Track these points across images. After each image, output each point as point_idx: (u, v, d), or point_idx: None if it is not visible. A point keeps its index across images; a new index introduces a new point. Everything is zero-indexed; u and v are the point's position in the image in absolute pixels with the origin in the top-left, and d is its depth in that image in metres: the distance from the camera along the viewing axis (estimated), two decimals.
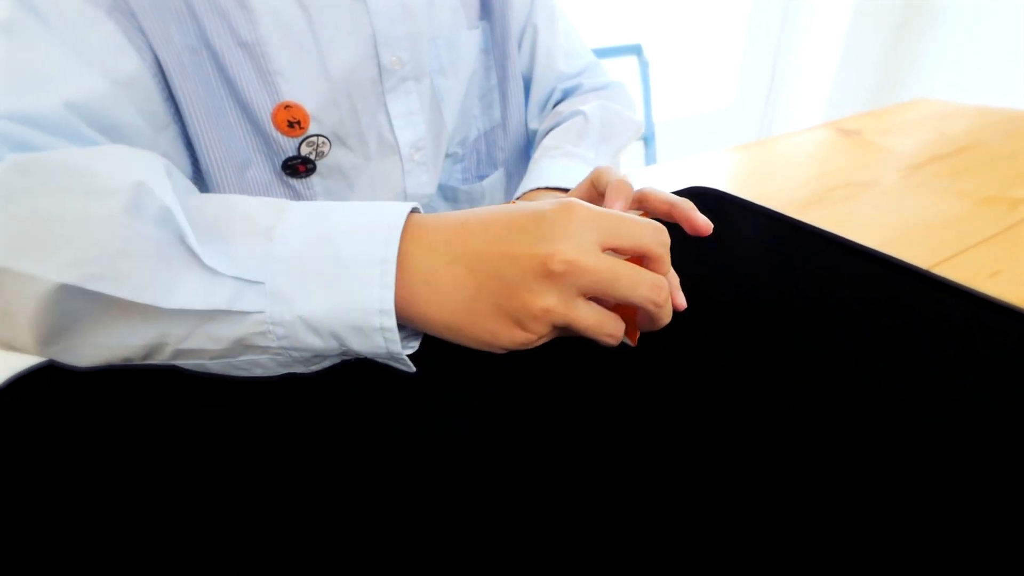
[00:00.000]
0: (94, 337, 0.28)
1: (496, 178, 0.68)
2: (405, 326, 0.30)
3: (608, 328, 0.28)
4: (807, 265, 0.46)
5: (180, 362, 0.30)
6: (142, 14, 0.38)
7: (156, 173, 0.28)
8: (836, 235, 0.49)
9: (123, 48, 0.38)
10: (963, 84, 1.81)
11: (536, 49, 0.65)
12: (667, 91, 1.88)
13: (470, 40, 0.59)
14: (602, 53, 1.48)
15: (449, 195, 0.66)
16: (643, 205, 0.38)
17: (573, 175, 0.50)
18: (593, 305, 0.27)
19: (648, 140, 1.56)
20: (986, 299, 0.40)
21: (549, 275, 0.25)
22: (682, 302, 0.33)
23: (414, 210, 0.30)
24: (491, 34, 0.61)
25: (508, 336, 0.27)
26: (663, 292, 0.27)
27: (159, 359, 0.29)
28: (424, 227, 0.29)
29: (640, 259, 0.28)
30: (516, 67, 0.64)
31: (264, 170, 0.49)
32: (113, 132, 0.37)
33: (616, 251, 0.28)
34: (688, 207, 0.34)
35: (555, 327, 0.27)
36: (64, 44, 0.35)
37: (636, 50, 1.50)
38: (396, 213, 0.28)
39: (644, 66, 1.51)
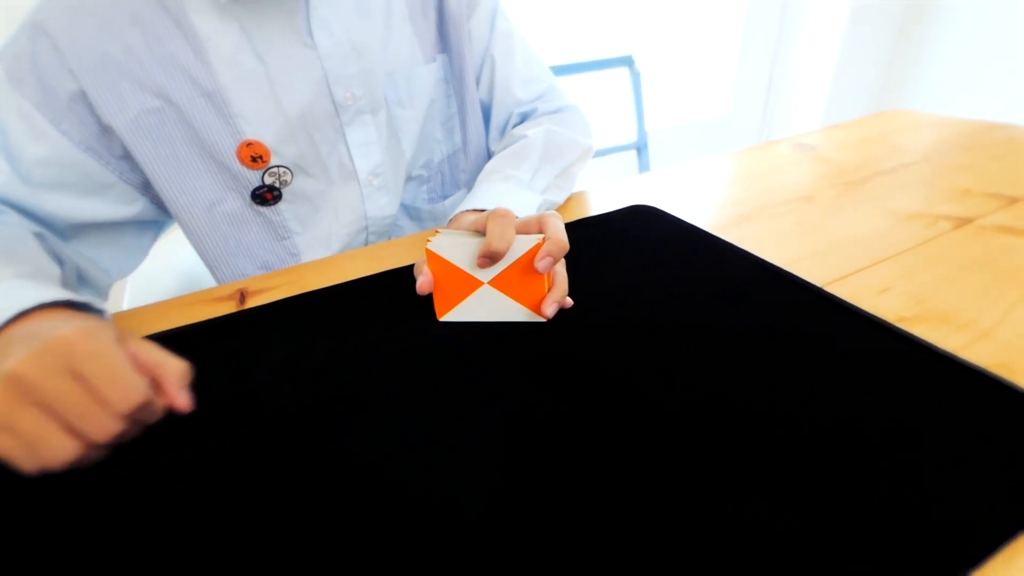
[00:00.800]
0: None
1: (459, 197, 0.73)
2: None
3: (48, 441, 0.30)
4: (719, 279, 0.50)
5: None
6: (92, 91, 0.47)
7: None
8: (747, 252, 0.53)
9: (41, 133, 0.47)
10: (961, 91, 1.80)
11: (494, 79, 0.70)
12: (665, 99, 1.91)
13: (428, 73, 0.65)
14: (593, 65, 1.52)
15: (414, 215, 0.71)
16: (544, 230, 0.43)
17: (505, 198, 0.55)
18: (39, 419, 0.30)
19: (641, 149, 1.60)
20: (862, 315, 0.43)
21: (3, 377, 0.29)
22: (549, 313, 0.43)
23: (70, 302, 0.37)
24: (450, 66, 0.67)
25: None
26: (104, 431, 0.30)
27: None
28: (25, 319, 0.34)
29: None
30: (474, 96, 0.69)
31: (236, 202, 0.56)
32: None
33: None
34: (546, 260, 0.42)
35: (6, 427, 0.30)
36: None
37: (627, 61, 1.54)
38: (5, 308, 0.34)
39: (636, 77, 1.54)
